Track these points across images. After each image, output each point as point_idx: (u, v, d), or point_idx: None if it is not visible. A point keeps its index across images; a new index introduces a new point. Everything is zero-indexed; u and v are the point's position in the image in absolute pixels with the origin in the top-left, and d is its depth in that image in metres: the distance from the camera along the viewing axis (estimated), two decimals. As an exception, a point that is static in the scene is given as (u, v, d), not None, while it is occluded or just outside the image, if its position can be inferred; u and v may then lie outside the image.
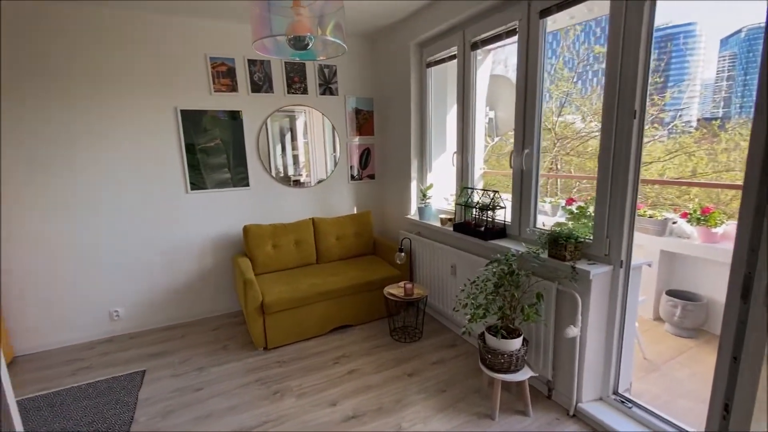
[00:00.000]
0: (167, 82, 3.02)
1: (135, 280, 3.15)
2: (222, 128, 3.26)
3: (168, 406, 2.27)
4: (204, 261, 3.39)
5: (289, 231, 3.39)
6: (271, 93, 3.38)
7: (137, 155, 3.01)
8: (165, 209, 3.17)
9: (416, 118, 3.38)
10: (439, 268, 3.08)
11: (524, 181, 2.40)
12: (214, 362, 2.72)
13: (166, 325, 3.31)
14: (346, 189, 3.90)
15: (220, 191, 3.33)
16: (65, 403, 2.30)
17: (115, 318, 3.13)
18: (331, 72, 3.61)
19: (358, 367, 2.61)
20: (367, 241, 3.70)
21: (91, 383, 2.50)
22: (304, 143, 3.63)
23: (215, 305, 3.48)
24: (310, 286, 2.96)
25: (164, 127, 3.07)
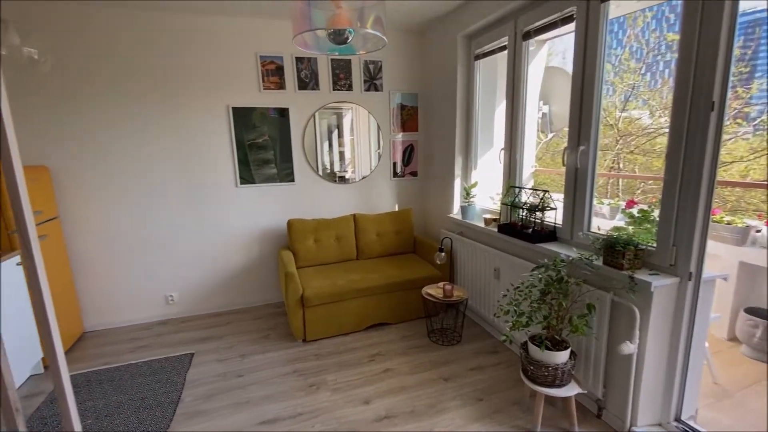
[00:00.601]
0: (220, 81, 3.16)
1: (188, 268, 3.36)
2: (270, 125, 3.36)
3: (211, 389, 2.39)
4: (251, 252, 3.52)
5: (331, 226, 3.43)
6: (317, 90, 3.43)
7: (192, 150, 3.20)
8: (217, 202, 3.33)
9: (462, 114, 3.26)
10: (482, 271, 2.95)
11: (578, 181, 2.22)
12: (256, 350, 2.82)
13: (214, 311, 3.50)
14: (388, 186, 3.87)
15: (267, 186, 3.45)
16: (123, 378, 2.50)
17: (170, 302, 3.36)
18: (376, 68, 3.58)
19: (393, 367, 2.57)
20: (407, 239, 3.65)
21: (146, 361, 2.69)
22: (350, 140, 3.64)
23: (260, 295, 3.62)
24: (349, 282, 2.97)
25: (217, 124, 3.22)
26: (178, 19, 2.98)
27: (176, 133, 3.13)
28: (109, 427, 2.06)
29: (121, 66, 2.92)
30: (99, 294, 3.15)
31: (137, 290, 3.25)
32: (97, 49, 2.84)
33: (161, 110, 3.06)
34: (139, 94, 2.99)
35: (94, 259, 3.09)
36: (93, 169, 2.98)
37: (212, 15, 3.05)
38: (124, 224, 3.13)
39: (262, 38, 3.21)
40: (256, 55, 3.22)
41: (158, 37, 2.97)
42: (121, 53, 2.90)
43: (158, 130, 3.08)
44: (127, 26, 2.88)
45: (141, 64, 2.96)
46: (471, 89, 3.19)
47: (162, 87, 3.03)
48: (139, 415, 2.16)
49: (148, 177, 3.13)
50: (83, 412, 2.18)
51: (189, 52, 3.06)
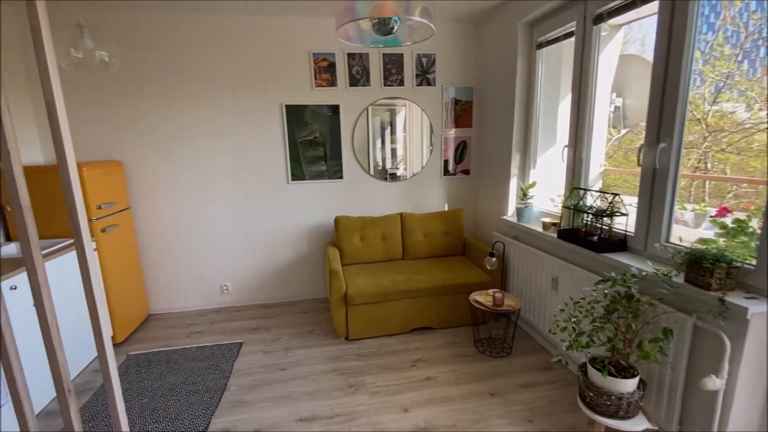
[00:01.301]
0: (275, 80, 3.24)
1: (242, 260, 3.50)
2: (321, 122, 3.38)
3: (255, 380, 2.45)
4: (300, 247, 3.59)
5: (377, 224, 3.38)
6: (368, 86, 3.38)
7: (248, 148, 3.31)
8: (269, 198, 3.43)
9: (521, 108, 3.02)
10: (537, 279, 2.71)
11: (657, 183, 1.93)
12: (300, 345, 2.86)
13: (265, 302, 3.62)
14: (438, 184, 3.72)
15: (316, 182, 3.48)
16: (178, 362, 2.66)
17: (225, 292, 3.53)
18: (429, 61, 3.45)
19: (436, 375, 2.45)
20: (456, 240, 3.48)
21: (200, 347, 2.85)
22: (403, 137, 3.56)
23: (308, 290, 3.68)
24: (393, 283, 2.89)
25: (271, 121, 3.30)
26: (235, 20, 3.09)
27: (233, 131, 3.26)
28: (162, 407, 2.19)
29: (183, 67, 3.09)
30: (163, 280, 3.40)
31: (196, 279, 3.46)
32: (160, 52, 3.04)
33: (220, 109, 3.21)
34: (200, 94, 3.16)
35: (159, 247, 3.34)
36: (160, 164, 3.20)
37: (267, 15, 3.12)
38: (185, 216, 3.33)
39: (314, 36, 3.23)
40: (309, 53, 3.24)
41: (217, 38, 3.10)
42: (182, 55, 3.08)
43: (217, 128, 3.23)
44: (187, 30, 3.04)
45: (201, 66, 3.11)
46: (532, 81, 2.94)
47: (220, 87, 3.17)
48: (189, 398, 2.27)
49: (208, 173, 3.30)
50: (142, 391, 2.34)
51: (246, 53, 3.16)
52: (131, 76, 3.03)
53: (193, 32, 3.06)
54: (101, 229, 2.74)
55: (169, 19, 3.00)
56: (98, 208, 2.72)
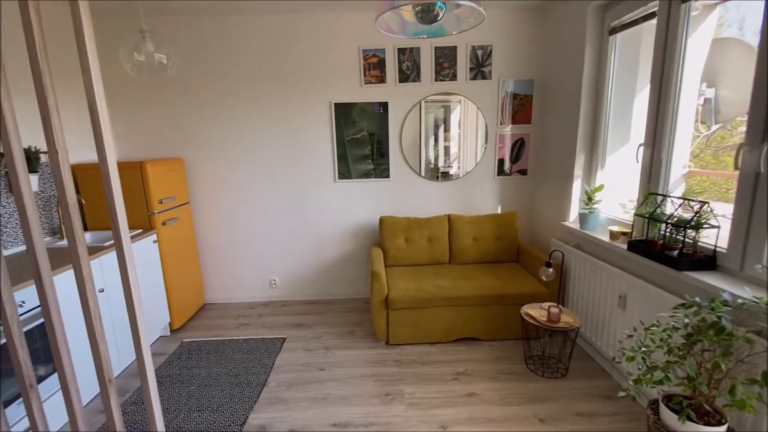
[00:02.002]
0: (324, 78, 3.23)
1: (290, 256, 3.57)
2: (369, 120, 3.31)
3: (294, 378, 2.46)
4: (345, 246, 3.57)
5: (423, 226, 3.24)
6: (418, 82, 3.25)
7: (297, 146, 3.35)
8: (316, 195, 3.45)
9: (588, 101, 2.70)
10: (601, 295, 2.41)
11: (759, 190, 1.58)
12: (340, 345, 2.83)
13: (309, 299, 3.66)
14: (491, 185, 3.49)
15: (362, 181, 3.43)
16: (226, 352, 2.76)
17: (273, 286, 3.62)
18: (485, 53, 3.23)
19: (479, 392, 2.28)
20: (509, 246, 3.24)
21: (246, 339, 2.93)
22: (458, 134, 3.38)
23: (352, 288, 3.66)
24: (437, 288, 2.75)
25: (320, 120, 3.31)
26: (284, 19, 3.12)
27: (283, 129, 3.32)
28: (206, 396, 2.27)
29: (236, 68, 3.20)
30: (218, 271, 3.57)
31: (247, 271, 3.59)
32: (214, 54, 3.17)
33: (271, 108, 3.27)
34: (252, 93, 3.25)
35: (215, 240, 3.51)
36: (216, 161, 3.35)
37: (317, 12, 3.11)
38: (239, 210, 3.46)
39: (364, 32, 3.16)
40: (358, 49, 3.19)
41: (267, 39, 3.16)
42: (234, 57, 3.18)
43: (268, 126, 3.31)
44: (238, 32, 3.13)
45: (253, 66, 3.20)
46: (602, 71, 2.61)
47: (271, 86, 3.23)
48: (231, 390, 2.33)
49: (259, 170, 3.39)
50: (190, 378, 2.46)
51: (295, 51, 3.18)
52: (189, 77, 3.20)
53: (244, 34, 3.15)
54: (162, 222, 2.93)
55: (221, 23, 3.12)
56: (160, 202, 2.90)
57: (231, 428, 2.02)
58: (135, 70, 2.12)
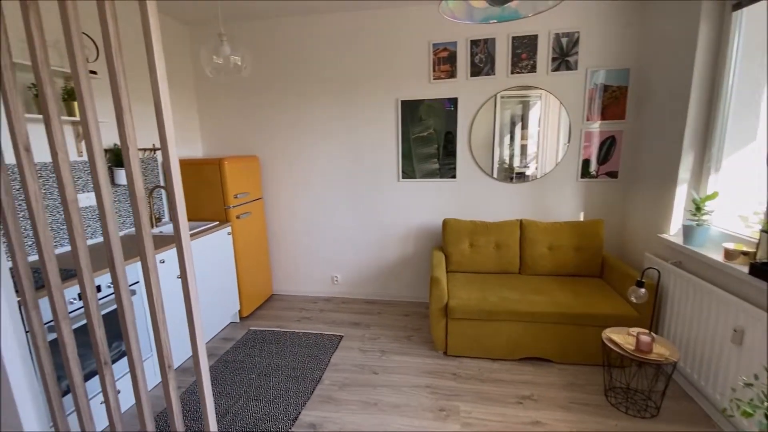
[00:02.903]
0: (391, 75, 3.16)
1: (351, 253, 3.59)
2: (436, 117, 3.17)
3: (347, 378, 2.44)
4: (407, 247, 3.48)
5: (491, 231, 3.01)
6: (492, 75, 3.02)
7: (362, 144, 3.34)
8: (380, 194, 3.41)
9: (701, 91, 2.25)
10: (709, 326, 1.99)
11: None
12: (396, 350, 2.75)
13: (369, 298, 3.64)
14: (572, 188, 3.11)
15: (427, 181, 3.30)
16: (286, 344, 2.85)
17: (335, 282, 3.68)
18: (570, 41, 2.88)
19: (547, 421, 2.03)
20: (591, 258, 2.86)
21: (306, 333, 3.00)
22: (537, 132, 3.08)
23: (411, 292, 3.56)
24: (503, 300, 2.52)
25: (386, 118, 3.25)
26: (353, 17, 3.11)
27: (350, 128, 3.33)
28: (264, 386, 2.35)
29: (305, 67, 3.28)
30: (285, 264, 3.73)
31: (311, 266, 3.69)
32: (284, 55, 3.29)
33: (338, 107, 3.30)
34: (319, 92, 3.31)
35: (284, 234, 3.66)
36: (287, 158, 3.49)
37: (386, 8, 3.05)
38: (305, 207, 3.57)
39: (434, 26, 3.03)
40: (428, 44, 3.06)
41: (335, 37, 3.18)
42: (304, 56, 3.26)
43: (335, 126, 3.34)
44: (307, 32, 3.20)
45: (321, 66, 3.25)
46: (721, 55, 2.15)
47: (339, 86, 3.26)
48: (288, 384, 2.38)
49: (325, 168, 3.45)
50: (252, 366, 2.57)
51: (363, 49, 3.16)
52: (262, 78, 3.36)
53: (312, 35, 3.21)
54: (236, 216, 3.12)
55: (292, 25, 3.22)
56: (235, 197, 3.09)
57: (283, 423, 2.05)
58: (213, 72, 2.26)
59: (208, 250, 2.82)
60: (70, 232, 1.31)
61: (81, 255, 1.34)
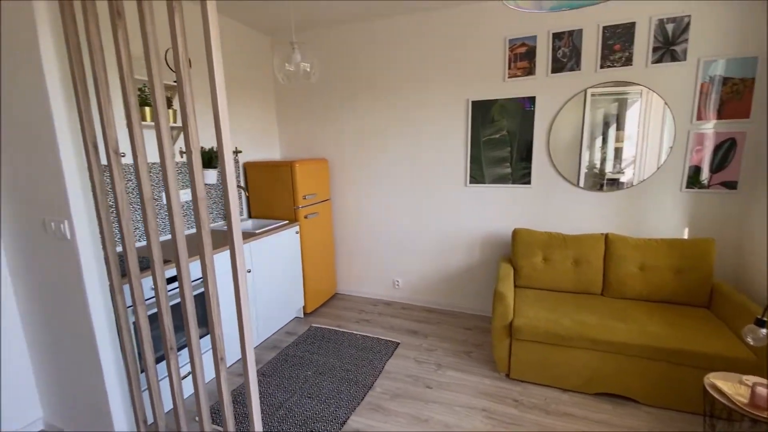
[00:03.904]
0: (461, 75, 3.02)
1: (414, 258, 3.51)
2: (510, 118, 2.94)
3: (399, 388, 2.36)
4: (472, 256, 3.30)
5: (569, 244, 2.70)
6: (577, 71, 2.70)
7: (429, 147, 3.24)
8: (445, 199, 3.28)
9: None
10: None
11: None
12: (453, 365, 2.60)
13: (429, 306, 3.52)
14: (674, 199, 2.65)
15: (497, 187, 3.08)
16: (343, 344, 2.88)
17: (395, 286, 3.63)
18: (678, 27, 2.45)
19: (623, 472, 1.73)
20: (696, 285, 2.40)
21: (363, 335, 3.00)
22: (636, 133, 2.69)
23: (475, 304, 3.36)
24: (578, 324, 2.23)
25: (454, 119, 3.11)
26: (421, 17, 3.02)
27: (416, 130, 3.25)
28: (318, 385, 2.40)
29: (371, 72, 3.28)
30: (348, 265, 3.79)
31: (374, 269, 3.70)
32: (351, 60, 3.32)
33: (405, 109, 3.25)
34: (386, 96, 3.28)
35: (349, 236, 3.73)
36: (354, 161, 3.54)
37: (452, 7, 2.91)
38: (369, 210, 3.58)
39: (510, 21, 2.80)
40: (504, 40, 2.85)
41: (403, 39, 3.13)
42: (370, 61, 3.27)
43: (402, 127, 3.29)
44: (374, 36, 3.19)
45: (388, 68, 3.22)
46: None
47: (406, 88, 3.20)
48: (340, 386, 2.39)
49: (391, 171, 3.42)
50: (309, 363, 2.64)
51: (432, 49, 3.06)
52: (330, 83, 3.45)
53: (378, 38, 3.21)
54: (304, 216, 3.25)
55: (359, 30, 3.25)
56: (304, 198, 3.22)
57: (332, 425, 2.06)
58: (285, 79, 2.37)
59: (277, 247, 2.97)
60: (145, 228, 1.45)
61: (154, 249, 1.47)
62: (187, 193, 2.77)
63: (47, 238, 1.70)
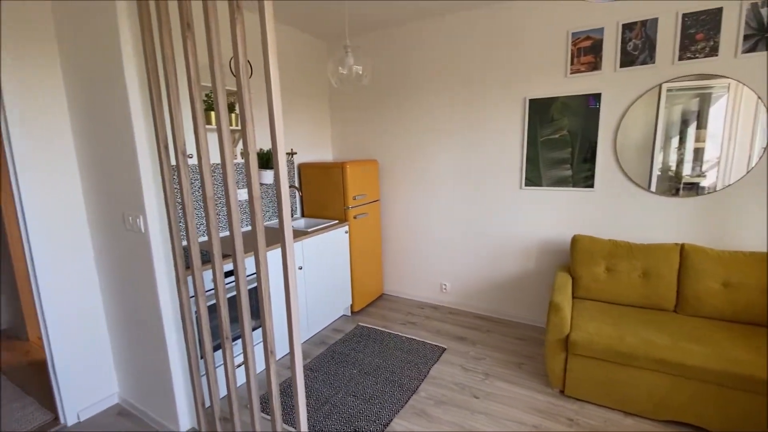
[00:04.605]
0: (516, 73, 2.88)
1: (463, 263, 3.42)
2: (572, 117, 2.76)
3: (444, 395, 2.31)
4: (527, 263, 3.13)
5: (637, 254, 2.46)
6: (650, 64, 2.46)
7: (480, 148, 3.14)
8: (497, 202, 3.15)
9: None
10: None
11: None
12: (503, 376, 2.49)
13: (479, 313, 3.41)
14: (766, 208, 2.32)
15: (555, 190, 2.90)
16: (388, 346, 2.88)
17: (443, 290, 3.56)
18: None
19: None
20: (795, 306, 2.07)
21: (409, 338, 2.98)
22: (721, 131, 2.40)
23: (529, 313, 3.19)
24: (645, 343, 2.02)
25: (509, 118, 2.98)
26: (471, 16, 2.92)
27: (468, 131, 3.16)
28: (363, 384, 2.41)
29: (423, 72, 3.24)
30: (396, 266, 3.79)
31: (421, 271, 3.66)
32: (402, 61, 3.30)
33: (456, 110, 3.17)
34: (436, 97, 3.23)
35: (397, 237, 3.72)
36: (403, 162, 3.53)
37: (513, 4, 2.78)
38: (418, 211, 3.55)
39: (574, 12, 2.62)
40: (567, 34, 2.68)
41: (454, 39, 3.05)
42: (422, 61, 3.23)
43: (453, 128, 3.22)
44: (426, 36, 3.14)
45: (439, 69, 3.16)
46: None
47: (458, 88, 3.12)
48: (385, 387, 2.39)
49: (441, 172, 3.36)
50: (355, 362, 2.67)
51: (486, 47, 2.95)
52: (381, 85, 3.47)
53: (429, 38, 3.17)
54: (354, 216, 3.30)
55: (407, 32, 3.23)
56: (354, 198, 3.27)
57: (375, 425, 2.06)
58: (338, 83, 2.42)
59: (327, 246, 3.05)
60: (207, 224, 1.55)
61: (214, 244, 1.57)
62: (245, 192, 2.94)
63: (125, 230, 1.89)
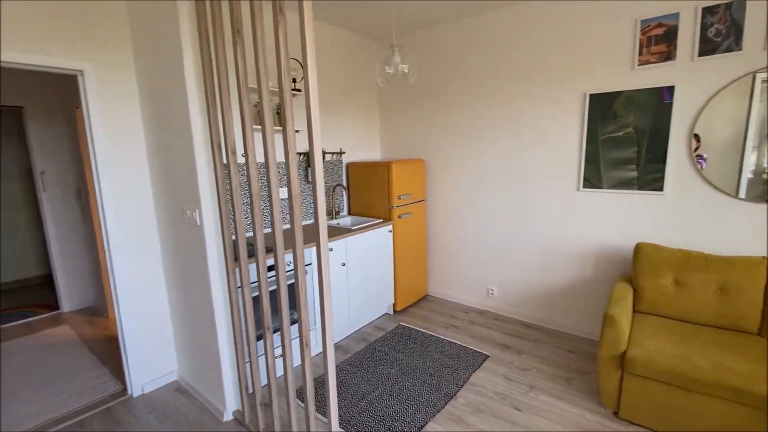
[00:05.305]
0: (577, 65, 2.68)
1: (512, 267, 3.26)
2: (639, 113, 2.51)
3: (484, 404, 2.22)
4: (583, 270, 2.91)
5: (712, 267, 2.18)
6: (735, 51, 2.16)
7: (534, 146, 2.97)
8: (551, 204, 2.97)
9: None
10: None
11: None
12: (549, 390, 2.34)
13: (527, 321, 3.23)
14: None
15: (618, 192, 2.66)
16: (429, 348, 2.84)
17: (490, 295, 3.43)
18: None
19: None
20: None
21: (450, 342, 2.91)
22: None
23: (582, 324, 2.96)
24: (718, 368, 1.78)
25: (567, 115, 2.79)
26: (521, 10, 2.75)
27: (520, 129, 3.01)
28: (400, 384, 2.41)
29: (472, 69, 3.13)
30: (441, 268, 3.72)
31: (466, 274, 3.55)
32: (451, 59, 3.22)
33: (507, 106, 3.03)
34: (486, 95, 3.10)
35: (442, 237, 3.66)
36: (451, 163, 3.45)
37: None
38: (465, 213, 3.45)
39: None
40: (635, 22, 2.44)
41: (505, 34, 2.92)
42: (472, 58, 3.12)
43: (504, 125, 3.08)
44: (476, 33, 3.02)
45: (490, 67, 3.03)
46: None
47: (509, 83, 2.97)
48: (422, 389, 2.36)
49: (489, 172, 3.24)
50: (394, 360, 2.67)
51: (541, 40, 2.78)
52: (428, 84, 3.42)
53: (478, 35, 3.04)
54: (398, 215, 3.29)
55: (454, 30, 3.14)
56: (399, 198, 3.27)
57: (409, 426, 2.04)
58: (384, 82, 2.43)
59: (371, 244, 3.08)
60: (252, 220, 1.64)
61: (258, 239, 1.65)
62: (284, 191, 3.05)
63: (184, 223, 2.06)
